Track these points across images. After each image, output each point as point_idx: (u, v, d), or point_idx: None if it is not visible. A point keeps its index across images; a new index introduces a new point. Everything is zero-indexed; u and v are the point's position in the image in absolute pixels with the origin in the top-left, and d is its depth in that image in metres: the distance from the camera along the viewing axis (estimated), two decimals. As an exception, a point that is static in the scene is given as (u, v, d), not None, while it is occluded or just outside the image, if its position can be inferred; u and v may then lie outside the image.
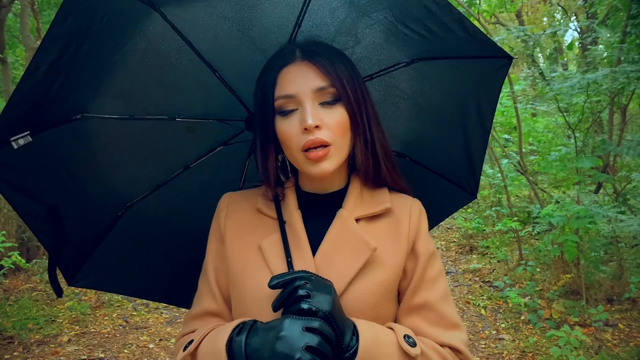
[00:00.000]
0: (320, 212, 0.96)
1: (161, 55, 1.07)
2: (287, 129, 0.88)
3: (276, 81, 0.90)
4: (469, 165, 1.30)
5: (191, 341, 0.87)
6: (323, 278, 0.82)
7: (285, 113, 0.89)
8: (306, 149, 0.86)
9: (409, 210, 0.96)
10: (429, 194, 1.36)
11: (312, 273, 0.82)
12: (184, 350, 0.87)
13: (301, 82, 0.88)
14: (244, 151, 1.27)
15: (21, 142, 0.95)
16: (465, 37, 1.04)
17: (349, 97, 0.89)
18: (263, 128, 0.94)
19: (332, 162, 0.88)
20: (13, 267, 4.28)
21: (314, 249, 0.90)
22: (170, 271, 1.33)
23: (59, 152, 1.07)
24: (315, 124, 0.85)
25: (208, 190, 1.24)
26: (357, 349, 0.77)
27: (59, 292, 1.11)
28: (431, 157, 1.31)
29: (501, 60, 1.12)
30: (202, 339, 0.86)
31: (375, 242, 0.90)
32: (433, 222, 1.47)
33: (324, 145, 0.86)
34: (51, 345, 3.69)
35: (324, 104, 0.88)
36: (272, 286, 0.79)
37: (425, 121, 1.27)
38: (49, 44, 0.89)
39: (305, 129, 0.85)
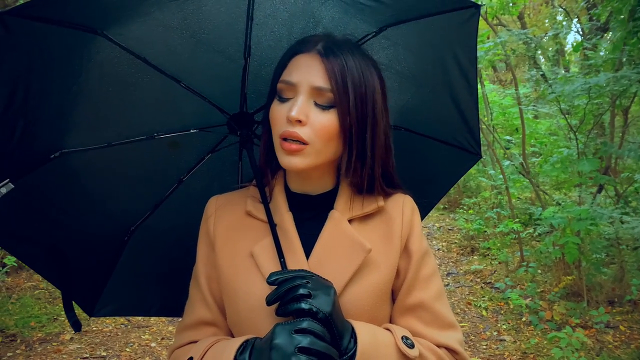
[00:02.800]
0: (310, 213, 0.94)
1: (120, 77, 1.04)
2: (276, 112, 0.86)
3: (286, 65, 0.89)
4: (464, 124, 1.27)
5: (190, 359, 0.85)
6: (323, 278, 0.81)
7: (282, 99, 0.87)
8: (283, 138, 0.84)
9: (402, 207, 0.94)
10: (431, 161, 1.35)
11: (312, 273, 0.81)
12: None
13: (305, 73, 0.85)
14: (235, 154, 1.25)
15: (3, 190, 0.96)
16: None
17: (347, 108, 0.84)
18: (266, 110, 0.92)
19: (303, 161, 0.85)
20: (16, 265, 4.30)
21: (307, 252, 0.89)
22: (188, 284, 1.34)
23: (47, 192, 1.07)
24: (297, 118, 0.82)
25: (209, 198, 1.25)
26: (355, 351, 0.76)
27: (77, 327, 1.11)
28: (425, 123, 1.28)
29: (469, 11, 1.09)
30: (202, 358, 0.83)
31: (369, 242, 0.88)
32: (442, 189, 1.46)
33: (301, 142, 0.84)
34: (53, 344, 3.70)
35: (318, 105, 0.85)
36: (270, 282, 0.78)
37: (410, 88, 1.24)
38: None
39: (288, 118, 0.84)
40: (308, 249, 0.89)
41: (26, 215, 1.06)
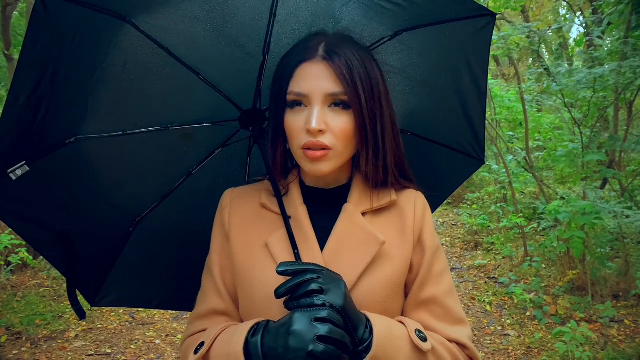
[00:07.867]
0: (324, 207, 0.95)
1: (142, 66, 1.05)
2: (293, 123, 0.88)
3: (292, 75, 0.89)
4: (470, 130, 1.28)
5: (202, 343, 0.85)
6: (333, 272, 0.82)
7: (295, 107, 0.88)
8: (306, 148, 0.86)
9: (414, 202, 0.96)
10: (435, 165, 1.36)
11: (323, 267, 0.81)
12: (195, 353, 0.85)
13: (315, 82, 0.86)
14: (243, 150, 1.25)
15: (19, 172, 0.96)
16: (444, 1, 1.03)
17: (360, 106, 0.87)
18: (274, 118, 0.93)
19: (329, 164, 0.87)
20: (21, 263, 4.32)
21: (321, 244, 0.90)
22: (190, 279, 1.32)
23: (59, 177, 1.07)
24: (318, 129, 0.84)
25: (214, 193, 1.25)
26: (371, 342, 0.76)
27: (81, 315, 1.12)
28: (431, 128, 1.30)
29: (485, 19, 1.09)
30: (214, 341, 0.85)
31: (382, 235, 0.90)
32: (444, 194, 1.46)
33: (324, 148, 0.86)
34: (59, 341, 3.72)
35: (333, 106, 0.87)
36: (280, 272, 0.78)
37: (420, 93, 1.25)
38: (24, 73, 0.88)
39: (309, 130, 0.85)
40: (322, 241, 0.90)
41: (38, 198, 1.05)
